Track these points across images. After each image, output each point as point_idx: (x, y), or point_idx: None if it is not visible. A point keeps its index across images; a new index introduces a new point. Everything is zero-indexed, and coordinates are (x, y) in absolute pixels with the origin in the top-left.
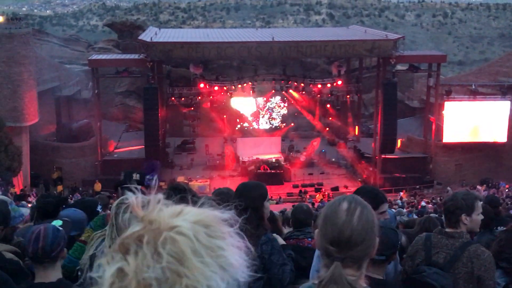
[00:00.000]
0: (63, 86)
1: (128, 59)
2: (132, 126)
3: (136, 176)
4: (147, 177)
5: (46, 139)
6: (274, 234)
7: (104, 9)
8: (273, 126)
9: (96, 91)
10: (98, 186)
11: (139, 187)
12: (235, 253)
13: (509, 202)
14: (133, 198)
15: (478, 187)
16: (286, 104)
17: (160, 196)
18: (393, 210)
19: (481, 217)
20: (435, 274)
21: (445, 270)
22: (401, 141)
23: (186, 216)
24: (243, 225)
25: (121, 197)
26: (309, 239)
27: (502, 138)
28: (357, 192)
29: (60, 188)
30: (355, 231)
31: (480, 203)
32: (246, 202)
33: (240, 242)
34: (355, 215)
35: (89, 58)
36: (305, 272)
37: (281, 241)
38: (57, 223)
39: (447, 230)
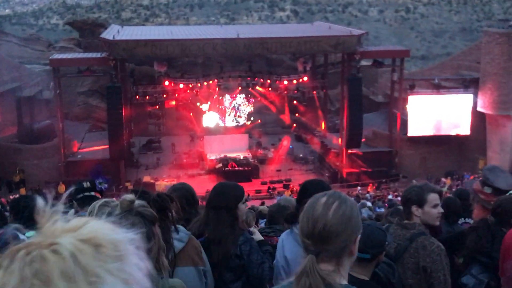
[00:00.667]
0: (24, 86)
1: (90, 58)
2: (96, 126)
3: (86, 184)
4: (97, 181)
5: (7, 141)
6: (253, 229)
7: (64, 7)
8: (240, 124)
9: (57, 91)
10: (62, 188)
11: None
12: (132, 275)
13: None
14: (41, 205)
15: (443, 179)
16: (252, 101)
17: (61, 206)
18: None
19: (439, 210)
20: (382, 264)
21: (395, 261)
22: (367, 136)
23: (79, 232)
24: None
25: (104, 200)
26: (278, 237)
27: (466, 131)
28: (303, 186)
29: (23, 191)
30: (329, 224)
31: (434, 196)
32: (221, 202)
33: (142, 264)
34: (331, 209)
35: (50, 57)
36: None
37: (259, 236)
38: (30, 234)
39: (405, 221)
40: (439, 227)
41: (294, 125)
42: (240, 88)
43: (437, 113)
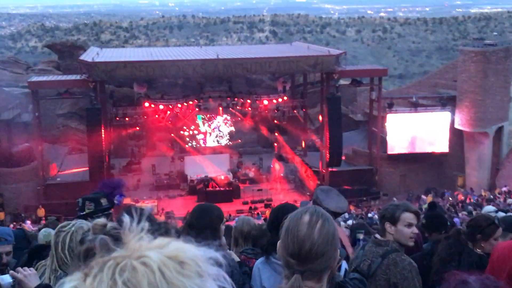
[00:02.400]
0: (2, 109)
1: (69, 80)
2: (75, 148)
3: (104, 201)
4: (117, 197)
5: None
6: (229, 251)
7: (43, 30)
8: (221, 144)
9: (36, 114)
10: (41, 212)
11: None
12: None
13: (453, 210)
14: (128, 223)
15: (423, 196)
16: (232, 121)
17: (146, 224)
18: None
19: (413, 230)
20: (353, 280)
21: (367, 277)
22: (346, 154)
23: (164, 249)
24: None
25: (60, 225)
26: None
27: (444, 148)
28: (274, 211)
29: (1, 215)
30: (315, 244)
31: (409, 215)
32: (206, 222)
33: (224, 284)
34: (316, 228)
35: (29, 80)
36: None
37: (235, 257)
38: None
39: (379, 238)
40: (419, 244)
41: (275, 144)
42: (220, 108)
43: (415, 131)
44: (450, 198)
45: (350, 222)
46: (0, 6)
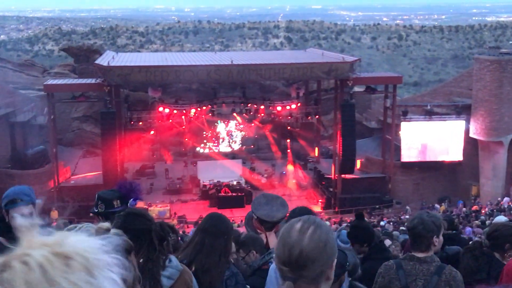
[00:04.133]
0: (18, 111)
1: (84, 83)
2: (90, 151)
3: (117, 203)
4: (131, 201)
5: (0, 166)
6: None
7: (60, 33)
8: (234, 149)
9: (51, 117)
10: (54, 214)
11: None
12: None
13: (463, 220)
14: (20, 220)
15: (436, 205)
16: (245, 127)
17: (38, 220)
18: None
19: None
20: None
21: None
22: (360, 161)
23: (54, 246)
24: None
25: (67, 228)
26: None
27: (458, 157)
28: (291, 213)
29: None
30: (305, 251)
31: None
32: (221, 229)
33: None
34: (307, 235)
35: (45, 83)
36: None
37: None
38: None
39: (418, 255)
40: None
41: (288, 150)
42: (234, 114)
43: (430, 139)
44: (464, 208)
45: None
46: (17, 9)
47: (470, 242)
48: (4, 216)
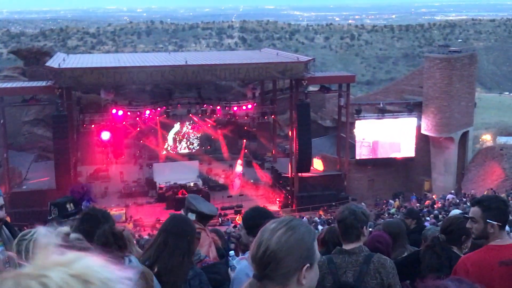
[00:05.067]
0: None
1: (35, 86)
2: (42, 155)
3: (70, 206)
4: (84, 203)
5: None
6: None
7: (8, 36)
8: (192, 151)
9: (1, 121)
10: (7, 220)
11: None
12: None
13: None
14: (42, 235)
15: (391, 201)
16: (201, 128)
17: (61, 238)
18: None
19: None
20: None
21: (357, 287)
22: (321, 160)
23: (71, 267)
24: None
25: (21, 233)
26: (206, 257)
27: (410, 153)
28: (244, 214)
29: None
30: (269, 250)
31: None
32: (185, 230)
33: None
34: (276, 234)
35: None
36: (223, 285)
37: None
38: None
39: (347, 247)
40: (386, 251)
41: (245, 150)
42: (190, 115)
43: (383, 137)
44: (418, 204)
45: (320, 227)
46: None
47: (428, 239)
48: None
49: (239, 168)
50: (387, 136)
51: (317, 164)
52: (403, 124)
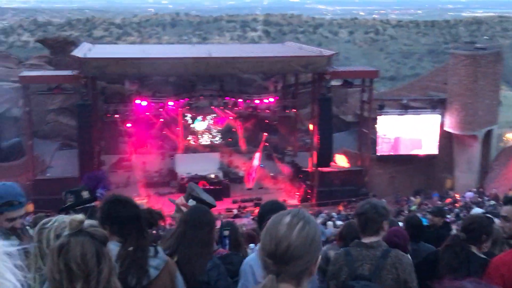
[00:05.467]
0: None
1: (60, 75)
2: (66, 144)
3: (86, 194)
4: (99, 190)
5: None
6: None
7: (35, 25)
8: (214, 142)
9: (27, 109)
10: (30, 207)
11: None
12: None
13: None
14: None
15: (412, 198)
16: (223, 120)
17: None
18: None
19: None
20: (365, 287)
21: (372, 281)
22: (345, 156)
23: None
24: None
25: (42, 222)
26: (220, 247)
27: (433, 150)
28: (261, 207)
29: None
30: (292, 246)
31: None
32: (204, 220)
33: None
34: (295, 229)
35: (20, 74)
36: (237, 276)
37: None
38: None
39: (365, 241)
40: (404, 246)
41: (266, 144)
42: (212, 107)
43: (405, 133)
44: (439, 202)
45: (339, 222)
46: None
47: (448, 238)
48: None
49: (256, 161)
50: (409, 132)
51: (341, 160)
52: (426, 121)
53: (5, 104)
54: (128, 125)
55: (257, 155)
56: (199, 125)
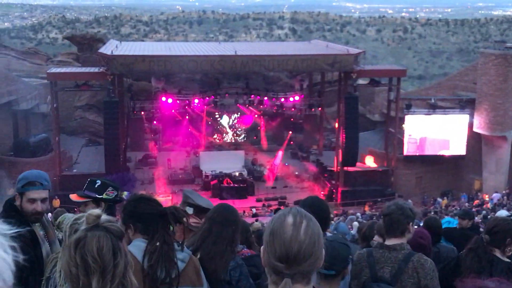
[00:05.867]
0: (21, 99)
1: (88, 72)
2: (92, 140)
3: (110, 189)
4: (126, 193)
5: (2, 154)
6: None
7: (64, 22)
8: (238, 140)
9: (54, 105)
10: (56, 202)
11: None
12: None
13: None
14: None
15: (439, 199)
16: (249, 118)
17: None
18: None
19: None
20: None
21: (392, 284)
22: (373, 157)
23: None
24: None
25: (75, 217)
26: (244, 248)
27: (461, 151)
28: (302, 203)
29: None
30: (303, 246)
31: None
32: (230, 219)
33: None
34: (301, 229)
35: (48, 71)
36: (259, 278)
37: None
38: None
39: (388, 243)
40: (429, 246)
41: (291, 142)
42: (237, 105)
43: (433, 133)
44: (467, 204)
45: (355, 223)
46: None
47: (471, 240)
48: (14, 199)
49: (278, 159)
50: (437, 132)
51: (369, 161)
52: (454, 121)
53: (34, 101)
54: (154, 122)
55: (280, 153)
56: (224, 122)
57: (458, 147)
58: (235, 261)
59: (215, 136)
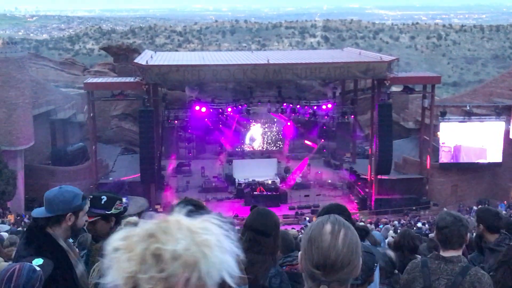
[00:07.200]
0: (59, 109)
1: (123, 82)
2: (128, 148)
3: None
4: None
5: (41, 163)
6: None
7: (100, 33)
8: (270, 148)
9: (91, 114)
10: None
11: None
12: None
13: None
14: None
15: (475, 208)
16: (281, 126)
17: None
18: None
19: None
20: None
21: None
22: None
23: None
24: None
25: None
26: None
27: (498, 158)
28: (321, 210)
29: None
30: (341, 255)
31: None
32: (269, 228)
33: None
34: (340, 238)
35: (85, 81)
36: None
37: None
38: (37, 262)
39: (444, 254)
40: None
41: (324, 150)
42: (270, 113)
43: (469, 140)
44: (505, 212)
45: (391, 231)
46: (59, 9)
47: (502, 252)
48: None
49: (306, 166)
50: (472, 140)
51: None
52: (490, 128)
53: (71, 110)
54: (188, 130)
55: (307, 161)
56: (257, 130)
57: (494, 155)
58: (275, 269)
59: (247, 144)
